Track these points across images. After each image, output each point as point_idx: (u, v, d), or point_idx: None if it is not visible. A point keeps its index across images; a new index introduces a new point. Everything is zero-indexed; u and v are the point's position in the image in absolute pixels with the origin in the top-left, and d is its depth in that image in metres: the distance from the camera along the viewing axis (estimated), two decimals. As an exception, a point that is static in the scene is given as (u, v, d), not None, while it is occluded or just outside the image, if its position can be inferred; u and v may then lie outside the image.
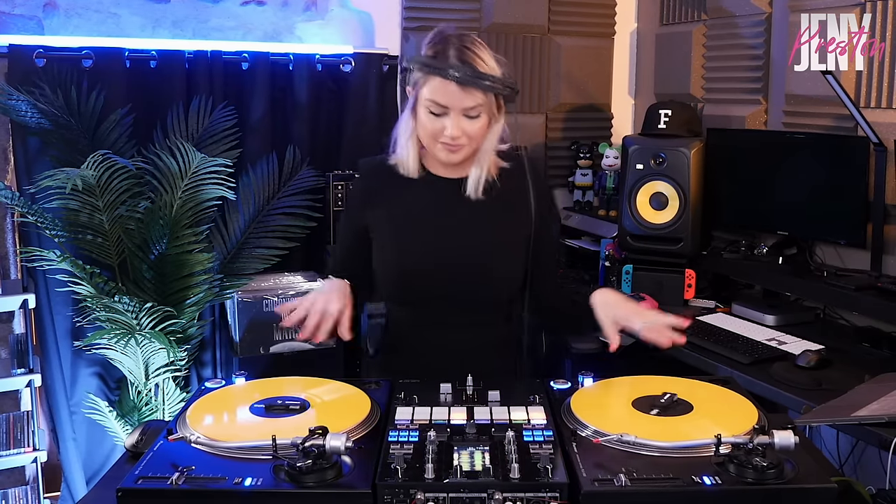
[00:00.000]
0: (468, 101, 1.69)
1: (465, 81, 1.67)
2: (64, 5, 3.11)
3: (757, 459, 1.26)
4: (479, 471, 1.29)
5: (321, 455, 1.30)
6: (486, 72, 1.69)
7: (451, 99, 1.69)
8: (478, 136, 1.75)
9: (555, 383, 1.67)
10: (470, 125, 1.72)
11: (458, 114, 1.70)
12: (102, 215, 2.87)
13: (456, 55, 1.68)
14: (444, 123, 1.71)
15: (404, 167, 1.83)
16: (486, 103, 1.71)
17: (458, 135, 1.71)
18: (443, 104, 1.69)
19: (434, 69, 1.68)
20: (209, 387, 1.71)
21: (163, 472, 1.31)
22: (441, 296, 1.84)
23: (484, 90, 1.69)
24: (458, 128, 1.71)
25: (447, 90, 1.68)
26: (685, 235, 3.01)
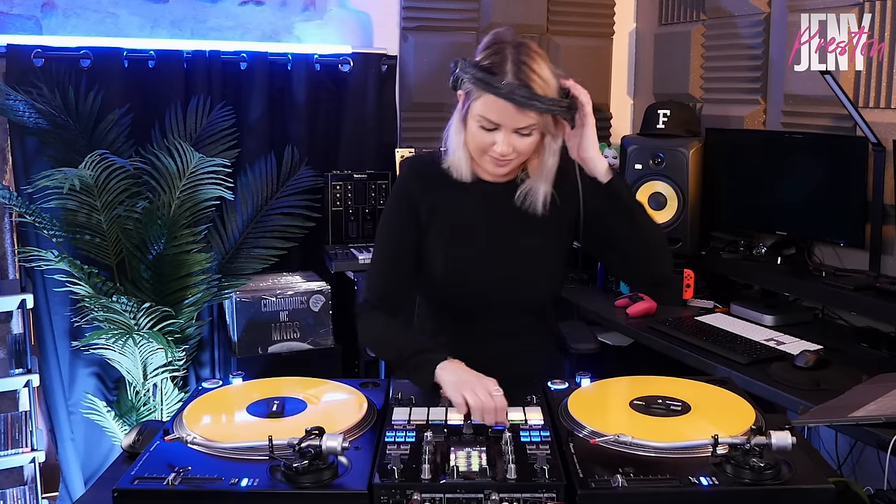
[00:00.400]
0: (521, 122, 1.63)
1: (521, 104, 1.59)
2: (62, 5, 3.10)
3: (754, 460, 1.26)
4: (476, 471, 1.29)
5: (317, 456, 1.30)
6: (542, 93, 1.60)
7: (504, 118, 1.63)
8: (527, 151, 1.70)
9: (552, 384, 1.67)
10: (520, 142, 1.67)
11: (509, 131, 1.65)
12: (100, 215, 2.87)
13: (513, 71, 1.60)
14: (494, 138, 1.66)
15: (457, 172, 1.79)
16: (541, 123, 1.65)
17: (507, 152, 1.67)
18: (495, 121, 1.64)
19: (489, 86, 1.60)
20: (206, 387, 1.71)
21: (159, 473, 1.31)
22: (481, 302, 1.84)
23: (539, 112, 1.62)
24: (508, 145, 1.66)
25: (500, 108, 1.62)
26: (684, 235, 3.01)
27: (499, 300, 1.84)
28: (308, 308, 3.13)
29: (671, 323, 2.73)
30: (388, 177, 3.40)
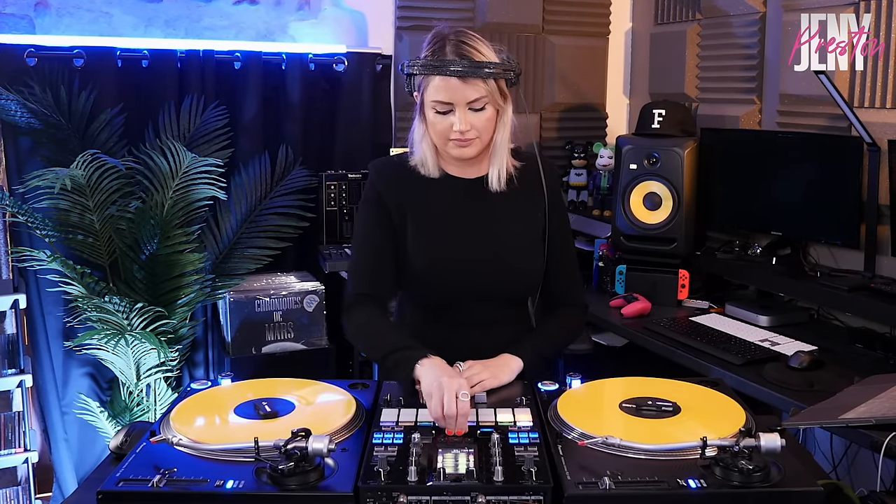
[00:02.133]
0: (471, 94, 1.70)
1: (464, 73, 1.68)
2: (55, 4, 3.09)
3: (743, 462, 1.25)
4: (463, 473, 1.28)
5: (303, 457, 1.29)
6: (482, 60, 1.70)
7: (453, 94, 1.70)
8: (486, 127, 1.76)
9: (542, 385, 1.66)
10: (477, 118, 1.73)
11: (463, 108, 1.72)
12: (93, 215, 2.86)
13: (453, 51, 1.70)
14: (451, 120, 1.73)
15: (424, 168, 1.84)
16: (490, 92, 1.72)
17: (466, 129, 1.73)
18: (446, 101, 1.71)
19: (433, 68, 1.70)
20: (195, 388, 1.70)
21: (144, 475, 1.30)
22: (461, 294, 1.86)
23: (484, 78, 1.70)
24: (465, 122, 1.72)
25: (449, 86, 1.70)
26: (679, 236, 3.00)
27: (473, 293, 1.85)
28: (302, 308, 3.12)
29: (666, 323, 2.72)
30: (382, 177, 3.38)
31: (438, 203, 1.86)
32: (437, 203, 1.86)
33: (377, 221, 1.86)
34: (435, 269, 1.84)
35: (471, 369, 1.69)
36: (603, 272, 3.24)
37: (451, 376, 1.53)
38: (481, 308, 1.87)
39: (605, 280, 3.21)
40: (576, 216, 3.61)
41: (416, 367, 1.61)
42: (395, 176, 1.88)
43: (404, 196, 1.86)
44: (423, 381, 1.57)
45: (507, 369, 1.74)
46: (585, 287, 3.31)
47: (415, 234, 1.84)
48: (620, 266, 3.11)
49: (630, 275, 3.08)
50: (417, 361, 1.61)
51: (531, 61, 3.68)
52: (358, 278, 1.88)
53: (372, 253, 1.87)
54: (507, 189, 1.85)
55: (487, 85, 1.71)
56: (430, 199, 1.86)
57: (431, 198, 1.86)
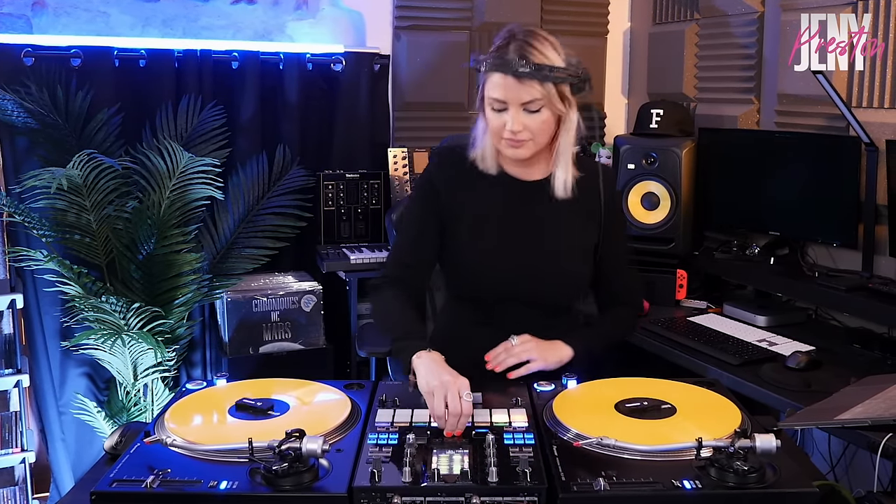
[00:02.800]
0: (525, 95, 1.69)
1: (520, 74, 1.67)
2: (53, 4, 3.09)
3: (738, 463, 1.25)
4: (457, 474, 1.27)
5: (297, 458, 1.29)
6: (542, 63, 1.68)
7: (508, 93, 1.70)
8: (541, 130, 1.74)
9: (538, 385, 1.66)
10: (531, 120, 1.72)
11: (517, 108, 1.71)
12: (90, 215, 2.86)
13: (516, 50, 1.69)
14: (504, 119, 1.72)
15: (484, 163, 1.85)
16: (545, 96, 1.70)
17: (518, 129, 1.72)
18: (501, 99, 1.71)
19: (492, 64, 1.71)
20: (190, 388, 1.70)
21: (138, 475, 1.30)
22: (507, 296, 1.85)
23: (540, 80, 1.68)
24: (518, 122, 1.71)
25: (504, 84, 1.70)
26: (677, 235, 3.00)
27: (516, 297, 1.85)
28: (300, 308, 3.12)
29: (663, 323, 2.71)
30: (380, 176, 3.38)
31: (493, 202, 1.86)
32: (492, 202, 1.86)
33: (425, 207, 1.87)
34: (481, 268, 1.84)
35: (524, 344, 1.74)
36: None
37: (453, 375, 1.54)
38: (525, 313, 1.86)
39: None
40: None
41: (413, 359, 1.62)
42: (455, 166, 1.87)
43: (461, 188, 1.86)
44: (420, 375, 1.58)
45: (556, 354, 1.78)
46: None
47: (462, 229, 1.85)
48: (618, 266, 3.10)
49: (628, 275, 3.07)
50: (415, 353, 1.63)
51: (529, 61, 3.67)
52: (391, 263, 1.91)
53: (410, 238, 1.90)
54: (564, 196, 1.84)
55: (544, 88, 1.69)
56: (486, 197, 1.86)
57: (487, 195, 1.86)
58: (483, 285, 1.86)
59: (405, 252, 1.90)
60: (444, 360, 1.62)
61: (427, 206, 1.87)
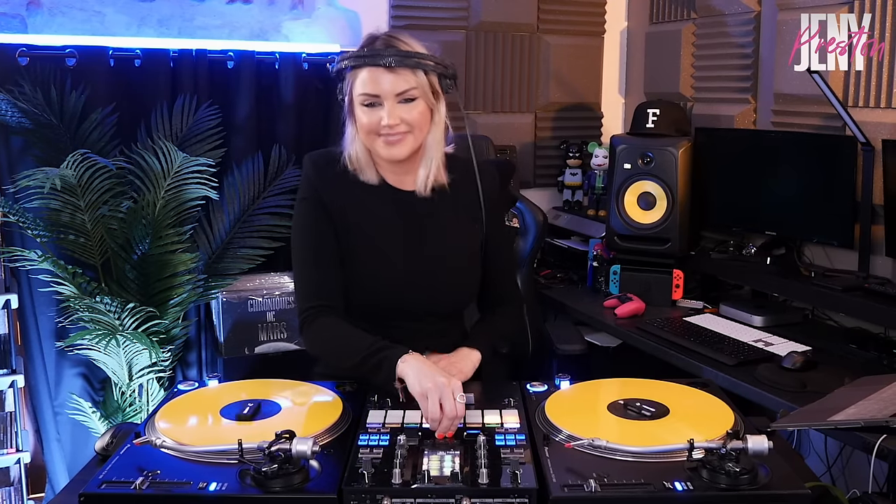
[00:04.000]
0: (400, 84, 1.66)
1: (393, 63, 1.64)
2: (48, 3, 3.08)
3: (729, 465, 1.24)
4: (448, 476, 1.27)
5: (287, 459, 1.28)
6: (412, 51, 1.67)
7: (381, 85, 1.66)
8: (417, 122, 1.70)
9: (531, 386, 1.65)
10: (407, 111, 1.68)
11: (391, 100, 1.66)
12: (84, 215, 2.85)
13: (382, 43, 1.68)
14: (379, 114, 1.67)
15: (361, 172, 1.78)
16: (420, 85, 1.68)
17: (395, 122, 1.67)
18: (374, 93, 1.66)
19: (360, 59, 1.66)
20: (181, 389, 1.69)
21: (128, 477, 1.30)
22: (397, 308, 1.81)
23: (412, 68, 1.66)
24: (394, 115, 1.66)
25: (376, 77, 1.66)
26: (673, 236, 2.99)
27: (408, 309, 1.82)
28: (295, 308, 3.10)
29: (659, 324, 2.71)
30: (376, 176, 3.37)
31: (375, 214, 1.80)
32: (375, 213, 1.80)
33: (316, 224, 1.78)
34: (365, 280, 1.79)
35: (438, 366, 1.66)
36: (597, 272, 3.23)
37: (446, 376, 1.51)
38: (418, 323, 1.83)
39: (600, 280, 3.20)
40: (570, 216, 3.60)
41: (398, 365, 1.57)
42: (333, 173, 1.80)
43: (341, 198, 1.78)
44: (410, 378, 1.54)
45: (469, 363, 1.75)
46: (580, 287, 3.31)
47: (348, 241, 1.79)
48: (615, 266, 3.10)
49: (624, 275, 3.07)
50: (399, 358, 1.59)
51: (525, 61, 3.67)
52: (307, 292, 1.79)
53: (315, 262, 1.78)
54: (445, 200, 1.82)
55: (417, 77, 1.67)
56: (368, 208, 1.79)
57: (368, 206, 1.79)
58: (372, 299, 1.80)
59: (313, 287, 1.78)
60: (427, 360, 1.60)
61: (318, 224, 1.78)
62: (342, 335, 1.73)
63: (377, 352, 1.63)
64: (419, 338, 1.80)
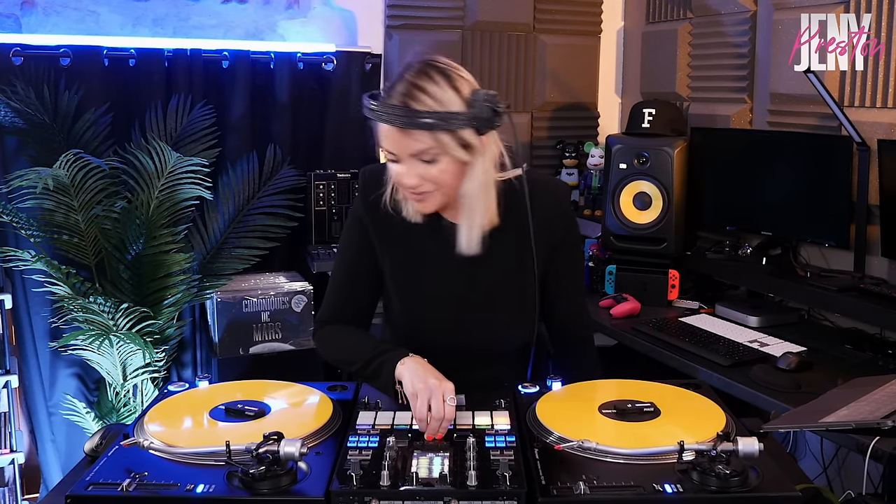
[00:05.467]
0: (413, 146, 1.49)
1: (402, 124, 1.46)
2: (42, 3, 3.07)
3: (720, 467, 1.23)
4: (436, 478, 1.26)
5: (275, 461, 1.27)
6: (429, 109, 1.46)
7: (393, 144, 1.51)
8: (442, 180, 1.54)
9: (523, 387, 1.64)
10: (426, 170, 1.52)
11: (408, 160, 1.52)
12: (78, 215, 2.84)
13: (401, 91, 1.48)
14: (401, 171, 1.54)
15: (405, 210, 1.67)
16: (439, 144, 1.49)
17: (414, 183, 1.53)
18: (391, 150, 1.53)
19: (370, 112, 1.50)
20: (171, 390, 1.68)
21: (115, 478, 1.29)
22: (445, 347, 1.67)
23: (428, 129, 1.47)
24: (412, 175, 1.52)
25: (386, 134, 1.51)
26: (669, 236, 2.98)
27: (454, 348, 1.70)
28: (290, 308, 3.10)
29: (654, 324, 2.70)
30: (371, 176, 3.36)
31: (417, 245, 1.69)
32: (416, 245, 1.69)
33: (356, 242, 1.73)
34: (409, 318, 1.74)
35: None
36: (593, 272, 3.22)
37: (438, 378, 1.49)
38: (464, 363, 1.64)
39: (595, 280, 3.19)
40: (567, 216, 3.59)
41: (397, 367, 1.55)
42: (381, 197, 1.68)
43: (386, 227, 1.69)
44: (405, 379, 1.52)
45: None
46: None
47: (391, 274, 1.72)
48: (610, 266, 3.09)
49: (620, 275, 3.06)
50: (399, 360, 1.56)
51: (522, 60, 3.66)
52: (329, 302, 1.78)
53: (346, 274, 1.76)
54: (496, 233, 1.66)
55: (434, 137, 1.48)
56: (410, 239, 1.68)
57: (411, 237, 1.68)
58: (415, 335, 1.72)
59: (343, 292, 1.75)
60: (428, 363, 1.57)
61: (359, 240, 1.72)
62: (347, 340, 1.72)
63: (378, 355, 1.60)
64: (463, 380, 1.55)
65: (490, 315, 1.73)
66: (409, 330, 1.77)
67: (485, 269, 1.68)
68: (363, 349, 1.65)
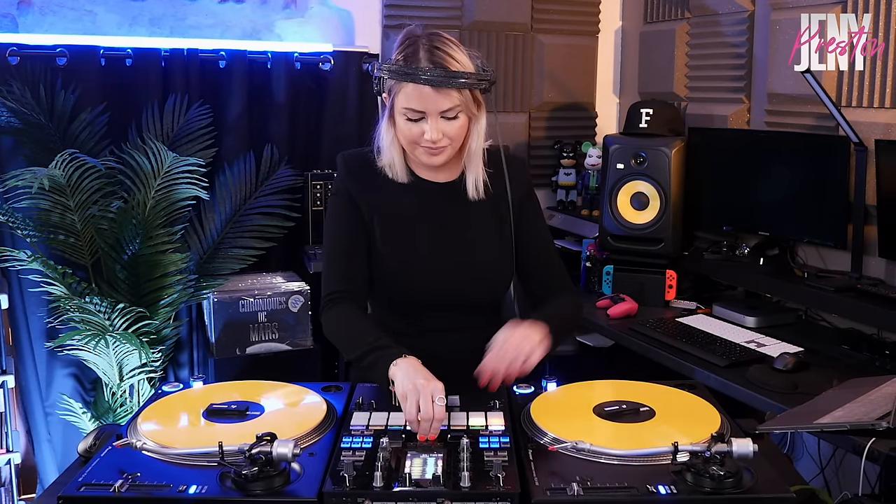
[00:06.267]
0: (444, 103, 1.67)
1: (439, 83, 1.64)
2: (38, 3, 3.07)
3: (714, 468, 1.23)
4: (429, 479, 1.25)
5: (268, 462, 1.27)
6: (458, 70, 1.66)
7: (426, 103, 1.66)
8: (458, 136, 1.73)
9: (518, 387, 1.64)
10: (449, 126, 1.70)
11: (435, 117, 1.68)
12: (74, 215, 2.83)
13: (426, 57, 1.66)
14: (422, 128, 1.69)
15: (393, 172, 1.81)
16: (463, 102, 1.69)
17: (438, 138, 1.69)
18: (419, 109, 1.67)
19: (405, 75, 1.65)
20: (166, 390, 1.68)
21: (108, 479, 1.28)
22: (431, 301, 1.82)
23: (458, 89, 1.66)
24: (437, 131, 1.69)
25: (421, 94, 1.66)
26: (666, 236, 2.98)
27: (442, 299, 1.82)
28: (287, 308, 3.09)
29: (651, 324, 2.70)
30: (369, 176, 3.36)
31: (408, 207, 1.83)
32: (407, 207, 1.83)
33: (347, 218, 1.83)
34: (403, 276, 1.81)
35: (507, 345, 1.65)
36: (590, 272, 3.22)
37: (427, 379, 1.50)
38: (449, 315, 1.84)
39: (593, 280, 3.19)
40: (564, 216, 3.59)
41: (390, 367, 1.57)
42: (364, 172, 1.83)
43: (374, 195, 1.82)
44: (397, 381, 1.53)
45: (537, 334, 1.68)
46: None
47: (383, 238, 1.82)
48: (608, 266, 3.09)
49: (617, 275, 3.06)
50: (393, 361, 1.58)
51: (519, 60, 3.66)
52: (330, 279, 1.84)
53: (344, 252, 1.83)
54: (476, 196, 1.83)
55: (461, 94, 1.68)
56: (400, 203, 1.82)
57: (401, 201, 1.82)
58: (405, 291, 1.82)
59: (338, 275, 1.82)
60: (421, 364, 1.58)
61: (348, 218, 1.82)
62: (349, 326, 1.76)
63: (374, 350, 1.63)
64: (454, 331, 1.83)
65: (467, 263, 1.82)
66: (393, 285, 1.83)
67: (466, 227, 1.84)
68: (362, 339, 1.68)
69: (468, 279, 1.82)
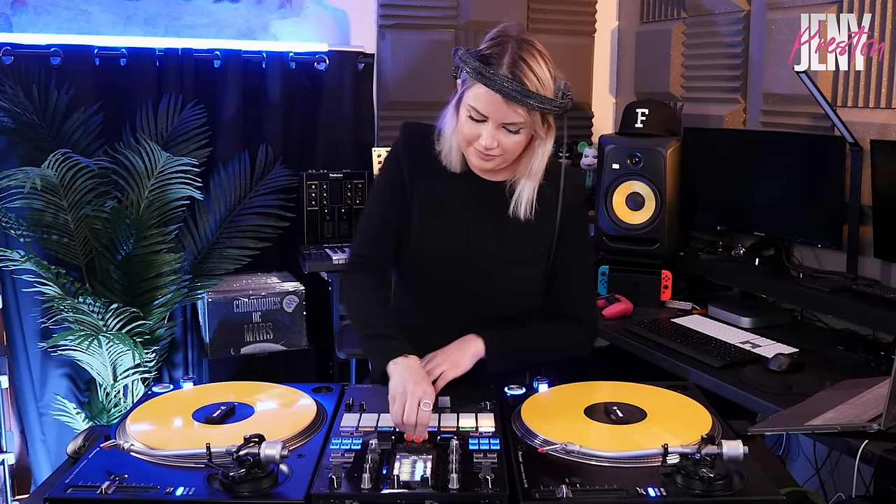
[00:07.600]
0: (510, 116, 1.60)
1: (511, 97, 1.57)
2: (33, 2, 3.06)
3: (704, 470, 1.22)
4: (418, 481, 1.25)
5: (256, 464, 1.26)
6: (534, 90, 1.58)
7: (491, 110, 1.61)
8: (513, 149, 1.66)
9: (509, 389, 1.63)
10: (507, 139, 1.64)
11: (496, 125, 1.62)
12: (67, 215, 2.83)
13: (509, 64, 1.58)
14: (480, 130, 1.64)
15: (447, 160, 1.76)
16: (529, 121, 1.62)
17: (492, 146, 1.64)
18: (483, 113, 1.62)
19: (481, 76, 1.58)
20: (156, 391, 1.67)
21: (95, 481, 1.27)
22: (455, 296, 1.78)
23: (528, 108, 1.59)
24: (493, 139, 1.63)
25: (489, 100, 1.60)
26: (661, 236, 2.97)
27: (469, 299, 1.78)
28: (282, 309, 3.09)
29: (646, 325, 2.69)
30: (364, 176, 3.36)
31: (453, 196, 1.78)
32: (453, 196, 1.78)
33: (391, 190, 1.80)
34: (429, 265, 1.78)
35: (431, 362, 1.64)
36: (586, 273, 3.20)
37: (417, 382, 1.50)
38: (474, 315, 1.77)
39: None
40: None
41: (389, 365, 1.58)
42: (420, 148, 1.78)
43: (423, 172, 1.78)
44: (391, 381, 1.54)
45: (467, 354, 1.67)
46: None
47: (418, 220, 1.78)
48: (603, 267, 3.08)
49: (613, 275, 3.05)
50: (392, 359, 1.58)
51: (516, 60, 3.64)
52: (360, 242, 1.86)
53: (378, 216, 1.83)
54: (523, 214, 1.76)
55: (530, 114, 1.60)
56: (447, 189, 1.78)
57: (449, 188, 1.77)
58: (433, 282, 1.79)
59: (368, 239, 1.84)
60: (419, 365, 1.58)
61: (394, 184, 1.80)
62: (365, 302, 1.77)
63: (380, 338, 1.65)
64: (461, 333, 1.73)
65: (500, 272, 1.77)
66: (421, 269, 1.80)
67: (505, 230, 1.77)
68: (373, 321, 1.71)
69: (492, 283, 1.77)
